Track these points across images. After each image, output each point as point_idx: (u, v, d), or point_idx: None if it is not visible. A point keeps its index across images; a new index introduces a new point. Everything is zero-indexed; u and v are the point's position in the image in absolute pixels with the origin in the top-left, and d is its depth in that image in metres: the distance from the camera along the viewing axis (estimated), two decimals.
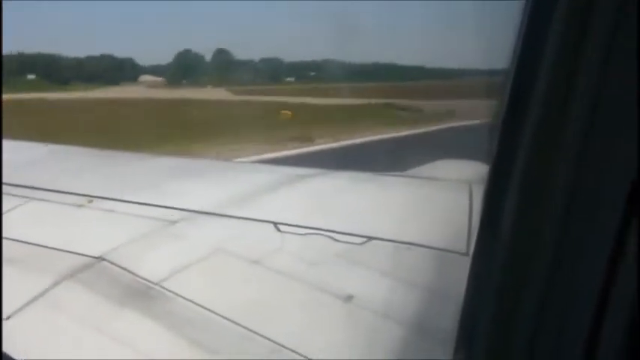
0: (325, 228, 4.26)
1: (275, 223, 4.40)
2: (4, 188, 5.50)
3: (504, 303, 1.36)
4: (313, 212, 4.80)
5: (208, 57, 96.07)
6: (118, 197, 5.15)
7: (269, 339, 3.01)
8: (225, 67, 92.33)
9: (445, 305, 3.05)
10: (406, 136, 44.31)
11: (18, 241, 4.32)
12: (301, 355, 2.88)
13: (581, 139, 1.19)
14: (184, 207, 4.86)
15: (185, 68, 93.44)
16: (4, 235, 4.40)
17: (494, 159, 1.39)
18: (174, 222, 4.59)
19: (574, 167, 1.21)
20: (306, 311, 3.36)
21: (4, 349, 3.07)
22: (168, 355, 3.02)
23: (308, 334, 3.12)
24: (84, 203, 5.12)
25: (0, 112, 5.88)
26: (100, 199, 5.16)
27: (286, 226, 4.36)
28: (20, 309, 3.42)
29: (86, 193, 5.30)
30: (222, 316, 3.22)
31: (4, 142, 8.83)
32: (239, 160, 25.84)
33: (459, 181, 5.66)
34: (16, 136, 8.14)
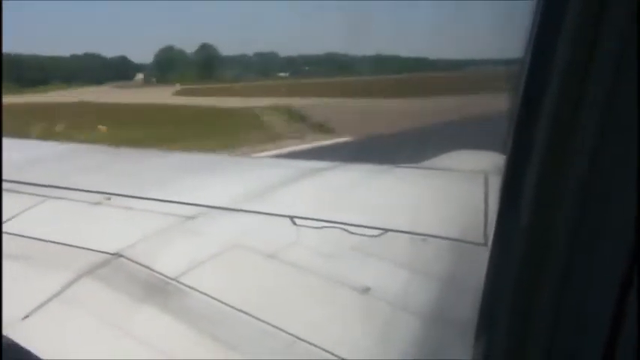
0: (341, 221, 4.26)
1: (291, 217, 4.41)
2: (22, 187, 5.56)
3: (523, 293, 1.36)
4: (329, 205, 4.80)
5: (195, 54, 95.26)
6: (135, 194, 5.18)
7: (287, 332, 3.02)
8: (206, 64, 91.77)
9: (463, 296, 3.04)
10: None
11: (36, 239, 4.37)
12: (319, 348, 2.89)
13: (597, 128, 1.19)
14: (201, 203, 4.88)
15: (165, 66, 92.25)
16: (22, 233, 4.46)
17: (511, 149, 1.38)
18: (190, 218, 4.62)
19: (591, 156, 1.20)
20: (323, 304, 3.37)
21: (24, 344, 3.12)
22: (186, 350, 3.04)
23: (325, 327, 3.12)
24: (101, 201, 5.15)
25: (0, 111, 5.91)
26: (117, 197, 5.19)
27: (302, 220, 4.36)
28: (39, 307, 3.45)
29: (103, 190, 5.33)
30: (239, 310, 3.23)
31: (19, 141, 8.98)
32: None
33: (475, 172, 5.64)
34: None
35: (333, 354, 2.85)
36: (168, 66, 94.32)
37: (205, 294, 3.43)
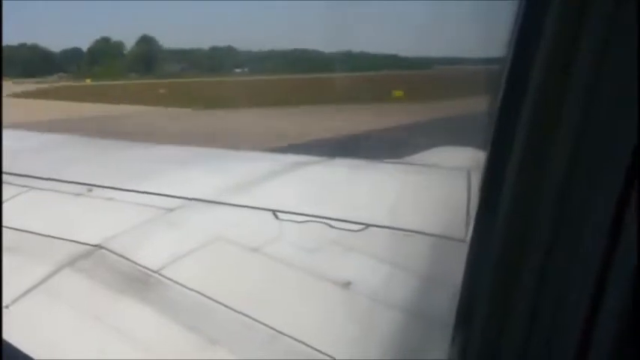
0: (323, 215, 4.27)
1: (273, 211, 4.41)
2: (4, 178, 5.51)
3: (501, 287, 1.37)
4: (311, 200, 4.81)
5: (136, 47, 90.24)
6: (117, 186, 5.16)
7: (268, 326, 3.02)
8: (143, 58, 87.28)
9: (443, 291, 3.06)
10: None
11: (18, 229, 4.33)
12: (300, 342, 2.90)
13: (577, 123, 1.20)
14: (183, 195, 4.87)
15: (96, 59, 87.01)
16: (4, 224, 4.43)
17: (491, 145, 1.40)
18: (172, 210, 4.60)
19: (570, 152, 1.22)
20: (304, 298, 3.38)
21: (5, 337, 3.10)
22: (167, 343, 3.04)
23: (306, 321, 3.13)
24: (83, 192, 5.12)
25: (0, 106, 5.86)
26: (99, 188, 5.16)
27: (284, 214, 4.37)
28: (19, 297, 3.43)
29: (85, 181, 5.30)
30: (220, 304, 3.23)
31: (6, 131, 8.89)
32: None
33: (457, 168, 5.67)
34: None
35: (313, 347, 2.86)
36: (98, 59, 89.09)
37: (186, 287, 3.43)
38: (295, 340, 2.92)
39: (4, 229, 4.34)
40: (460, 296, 1.57)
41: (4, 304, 3.35)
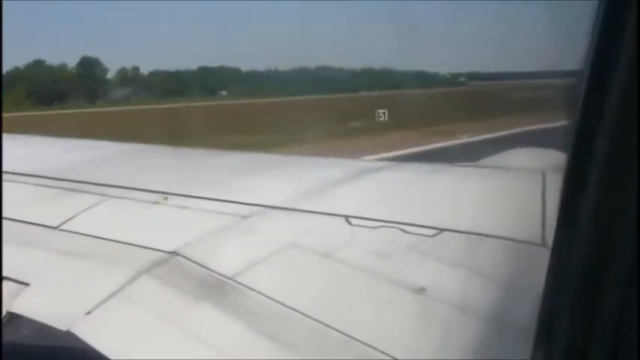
0: (396, 220, 4.23)
1: (346, 217, 4.40)
2: (82, 186, 5.74)
3: (585, 298, 1.32)
4: (384, 205, 4.78)
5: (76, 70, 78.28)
6: (192, 194, 5.27)
7: (343, 332, 3.02)
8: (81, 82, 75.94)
9: (521, 298, 2.98)
10: None
11: (97, 237, 4.49)
12: (374, 348, 2.88)
13: None
14: (257, 202, 4.93)
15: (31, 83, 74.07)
16: (84, 232, 4.60)
17: (572, 149, 1.35)
18: (246, 217, 4.66)
19: None
20: (378, 304, 3.35)
21: (88, 342, 3.22)
22: (243, 349, 3.07)
23: (381, 328, 3.11)
24: (159, 200, 5.26)
25: (0, 109, 6.10)
26: (174, 196, 5.29)
27: (357, 220, 4.35)
28: (100, 303, 3.54)
29: (161, 190, 5.44)
30: (295, 310, 3.24)
31: (76, 141, 9.26)
32: None
33: (532, 170, 5.54)
34: None
35: (388, 355, 2.83)
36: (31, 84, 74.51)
37: (261, 293, 3.46)
38: (369, 346, 2.90)
39: (84, 238, 4.53)
40: (541, 306, 1.52)
41: (86, 309, 3.47)
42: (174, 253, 4.04)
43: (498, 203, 4.73)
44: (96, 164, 7.15)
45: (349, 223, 4.32)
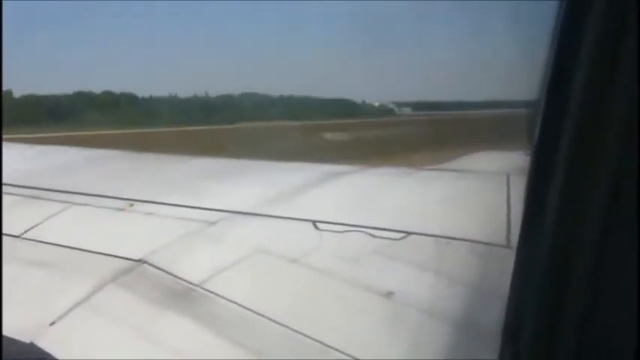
0: (363, 225, 4.24)
1: (313, 222, 4.40)
2: (46, 194, 5.63)
3: (551, 297, 1.34)
4: (351, 209, 4.79)
5: None
6: (158, 200, 5.21)
7: (311, 337, 3.01)
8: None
9: (487, 299, 3.01)
10: None
11: (61, 245, 4.41)
12: (345, 354, 2.88)
13: (623, 127, 1.17)
14: (223, 208, 4.89)
15: None
16: (48, 240, 4.51)
17: (536, 151, 1.37)
18: (213, 223, 4.63)
19: (617, 156, 1.18)
20: (346, 308, 3.36)
21: (51, 354, 3.15)
22: (212, 357, 3.04)
23: (348, 332, 3.11)
24: (125, 207, 5.19)
25: (0, 114, 5.98)
26: (140, 203, 5.22)
27: (324, 224, 4.35)
28: (65, 314, 3.48)
29: (126, 196, 5.37)
30: (263, 316, 3.23)
31: (39, 147, 9.09)
32: None
33: (497, 173, 5.61)
34: None
35: (356, 358, 2.84)
36: None
37: (229, 300, 3.43)
38: (339, 351, 2.90)
39: (49, 246, 4.44)
40: (508, 306, 1.54)
41: (50, 320, 3.41)
42: (140, 261, 3.99)
43: (464, 206, 4.78)
44: (59, 171, 7.03)
45: (317, 227, 4.32)
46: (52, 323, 3.39)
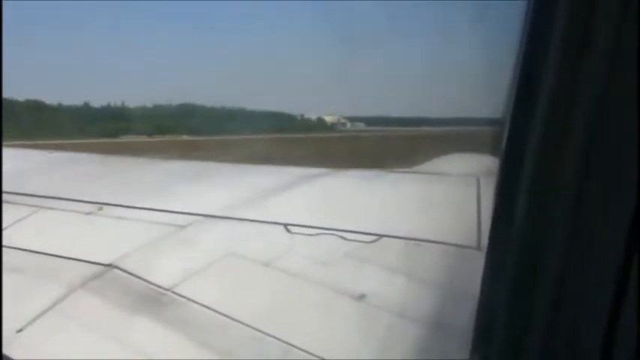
0: (335, 228, 4.25)
1: (285, 225, 4.39)
2: (12, 197, 5.53)
3: (521, 298, 1.35)
4: (322, 212, 4.79)
5: None
6: (127, 204, 5.16)
7: (282, 340, 3.01)
8: None
9: (458, 301, 3.04)
10: None
11: (29, 251, 4.34)
12: (314, 356, 2.88)
13: (590, 129, 1.19)
14: (194, 211, 4.86)
15: None
16: (15, 245, 4.43)
17: (504, 152, 1.38)
18: (183, 227, 4.59)
19: (584, 157, 1.20)
20: (318, 311, 3.36)
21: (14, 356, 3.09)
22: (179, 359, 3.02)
23: (321, 335, 3.11)
24: (94, 211, 5.12)
25: (0, 120, 5.86)
26: (109, 206, 5.16)
27: (296, 227, 4.35)
28: (33, 320, 3.42)
29: (95, 200, 5.31)
30: (234, 320, 3.22)
31: (8, 151, 8.92)
32: None
33: (467, 175, 5.66)
34: None
35: (322, 359, 2.84)
36: None
37: (200, 304, 3.41)
38: (309, 353, 2.90)
39: (16, 251, 4.36)
40: (478, 307, 1.55)
41: (17, 327, 3.35)
42: (110, 266, 3.95)
43: (434, 208, 4.81)
44: (26, 174, 6.90)
45: (288, 231, 4.32)
46: (20, 330, 3.33)
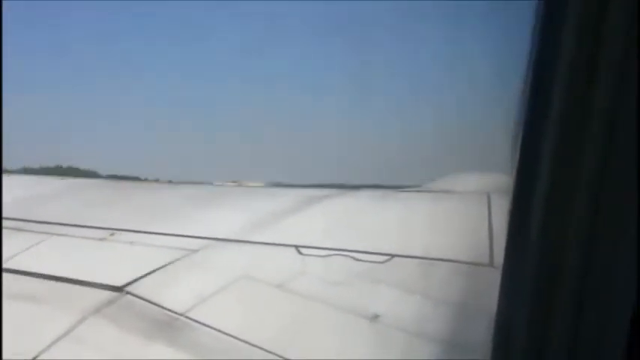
0: (346, 248, 4.24)
1: (296, 247, 4.39)
2: (25, 225, 5.55)
3: (539, 315, 1.34)
4: (333, 233, 4.79)
5: None
6: (139, 229, 5.17)
7: None
8: None
9: (473, 319, 3.01)
10: None
11: (42, 276, 4.35)
12: None
13: (605, 142, 1.18)
14: (205, 235, 4.86)
15: None
16: (29, 271, 4.45)
17: (518, 168, 1.38)
18: (196, 251, 4.60)
19: (599, 171, 1.20)
20: (332, 333, 3.34)
21: None
22: None
23: (335, 356, 3.10)
24: (106, 236, 5.14)
25: (0, 129, 5.87)
26: (121, 232, 5.18)
27: (308, 249, 4.35)
28: (47, 348, 3.42)
29: (107, 226, 5.32)
30: (249, 344, 3.21)
31: (20, 178, 8.97)
32: None
33: (477, 193, 5.64)
34: None
35: None
36: None
37: (214, 328, 3.41)
38: None
39: (30, 278, 4.37)
40: (495, 324, 1.54)
41: (32, 355, 3.34)
42: (123, 292, 3.95)
43: (446, 227, 4.80)
44: (37, 201, 6.94)
45: (300, 252, 4.31)
46: (34, 358, 3.33)
